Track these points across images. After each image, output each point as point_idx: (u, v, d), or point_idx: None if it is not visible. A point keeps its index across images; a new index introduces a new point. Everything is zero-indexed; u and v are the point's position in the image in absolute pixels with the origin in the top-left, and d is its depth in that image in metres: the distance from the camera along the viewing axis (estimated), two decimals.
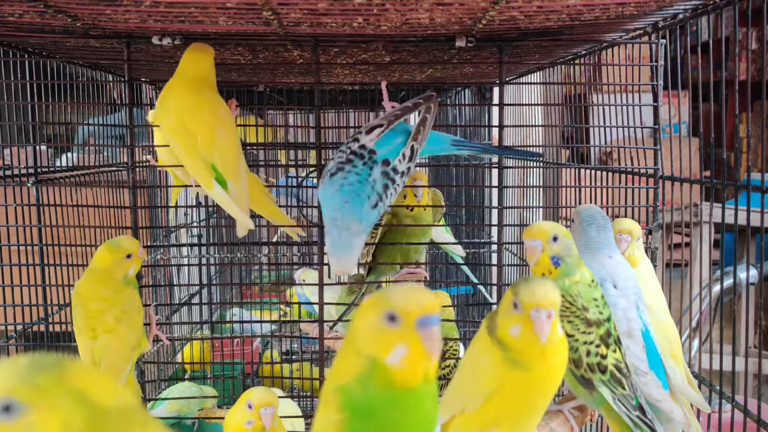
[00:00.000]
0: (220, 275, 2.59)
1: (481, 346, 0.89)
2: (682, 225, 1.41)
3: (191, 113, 1.20)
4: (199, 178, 1.22)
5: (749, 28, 4.35)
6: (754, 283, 1.95)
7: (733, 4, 1.05)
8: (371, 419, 0.67)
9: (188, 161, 1.22)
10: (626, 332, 1.07)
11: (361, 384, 0.67)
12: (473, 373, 0.90)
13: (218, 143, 1.20)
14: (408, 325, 0.65)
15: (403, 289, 0.68)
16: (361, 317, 0.69)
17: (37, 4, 0.98)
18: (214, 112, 1.22)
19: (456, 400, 0.92)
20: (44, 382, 0.50)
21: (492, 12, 1.02)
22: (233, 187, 1.22)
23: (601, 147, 1.63)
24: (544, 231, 1.03)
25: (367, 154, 1.10)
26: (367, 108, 2.66)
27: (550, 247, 1.03)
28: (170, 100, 1.22)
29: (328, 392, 0.71)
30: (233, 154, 1.23)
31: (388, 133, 1.13)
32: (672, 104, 1.75)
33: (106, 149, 2.17)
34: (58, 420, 0.50)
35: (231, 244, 2.48)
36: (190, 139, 1.20)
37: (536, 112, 2.04)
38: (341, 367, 0.71)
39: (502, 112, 1.35)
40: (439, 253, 2.23)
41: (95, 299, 1.22)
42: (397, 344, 0.65)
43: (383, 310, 0.66)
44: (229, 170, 1.21)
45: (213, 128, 1.20)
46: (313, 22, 1.10)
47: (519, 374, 0.85)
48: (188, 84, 1.21)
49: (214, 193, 1.21)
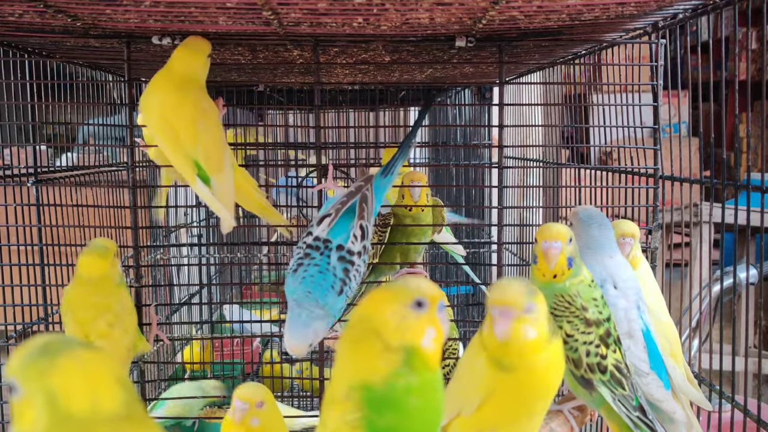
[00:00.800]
0: (220, 275, 2.59)
1: (475, 350, 0.89)
2: (682, 225, 1.41)
3: (173, 108, 1.18)
4: (183, 174, 1.20)
5: (749, 28, 4.34)
6: (754, 282, 1.94)
7: (733, 4, 1.05)
8: (392, 413, 0.69)
9: (172, 157, 1.20)
10: (627, 332, 1.07)
11: (390, 380, 0.69)
12: (468, 376, 0.90)
13: (201, 138, 1.18)
14: (432, 310, 0.71)
15: (411, 279, 0.72)
16: (382, 314, 0.71)
17: (36, 3, 0.98)
18: (197, 106, 1.20)
19: (453, 403, 0.91)
20: (31, 372, 0.53)
21: (492, 12, 1.02)
22: (216, 184, 1.20)
23: (601, 147, 1.63)
24: (563, 233, 1.03)
25: (322, 245, 1.13)
26: (367, 108, 2.66)
27: (567, 248, 1.03)
28: (153, 96, 1.20)
29: (340, 393, 0.71)
30: (217, 149, 1.21)
31: (338, 220, 1.16)
32: (672, 104, 1.75)
33: (106, 149, 2.17)
34: (31, 412, 0.53)
35: (231, 244, 2.48)
36: (173, 135, 1.18)
37: (536, 112, 2.04)
38: (360, 366, 0.71)
39: (502, 112, 1.35)
40: (439, 253, 2.23)
41: (85, 307, 1.21)
42: (428, 328, 0.71)
43: (411, 299, 0.71)
44: (212, 166, 1.19)
45: (195, 123, 1.18)
46: (313, 22, 1.10)
47: (505, 376, 0.86)
48: (172, 80, 1.19)
49: (198, 189, 1.20)
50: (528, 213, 2.04)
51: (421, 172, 1.55)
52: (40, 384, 0.53)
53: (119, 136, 2.20)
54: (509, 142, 1.72)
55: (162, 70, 1.21)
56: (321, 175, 1.34)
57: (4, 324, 1.57)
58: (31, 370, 0.53)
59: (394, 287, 0.73)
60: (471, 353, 0.91)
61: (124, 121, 1.40)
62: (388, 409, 0.69)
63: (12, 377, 0.54)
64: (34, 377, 0.53)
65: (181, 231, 2.35)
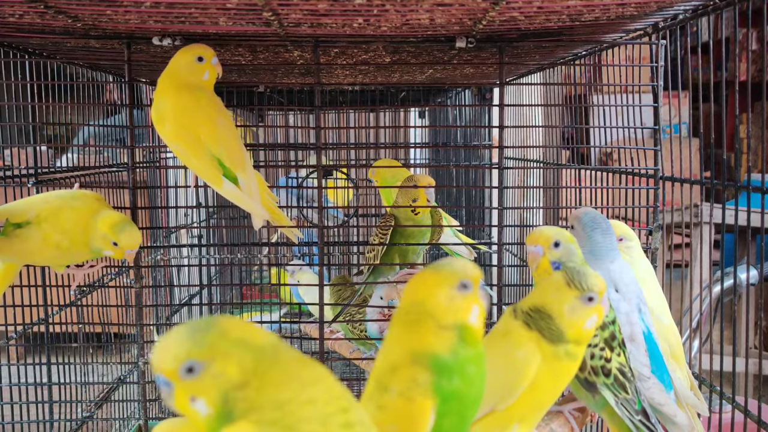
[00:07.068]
0: (221, 276, 2.59)
1: (515, 342, 0.90)
2: (682, 225, 1.41)
3: (189, 111, 1.18)
4: (208, 176, 1.19)
5: (749, 29, 4.34)
6: (754, 283, 1.94)
7: (733, 5, 1.05)
8: (457, 378, 0.76)
9: (194, 161, 1.19)
10: (629, 336, 1.07)
11: (453, 351, 0.76)
12: (507, 369, 0.90)
13: (222, 136, 1.18)
14: (476, 289, 0.78)
15: (455, 262, 0.80)
16: (434, 297, 0.78)
17: (37, 4, 0.98)
18: (213, 105, 1.20)
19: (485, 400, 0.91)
20: (213, 340, 0.61)
21: (492, 13, 1.02)
22: (243, 181, 1.19)
23: (602, 147, 1.63)
24: (545, 237, 1.05)
25: None
26: (367, 108, 2.66)
27: (551, 252, 1.05)
28: (164, 103, 1.19)
29: (403, 360, 0.76)
30: (238, 147, 1.21)
31: None
32: (672, 105, 1.75)
33: (107, 150, 2.17)
34: (233, 364, 0.60)
35: (231, 244, 2.48)
36: (192, 138, 1.17)
37: (536, 113, 2.04)
38: (421, 342, 0.77)
39: (502, 113, 1.35)
40: (439, 254, 2.23)
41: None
42: (473, 305, 0.78)
43: (457, 281, 0.78)
44: (236, 163, 1.19)
45: (214, 121, 1.18)
46: (313, 22, 1.10)
47: (565, 364, 0.90)
48: (180, 84, 1.18)
49: (225, 190, 1.19)
50: (528, 214, 2.04)
51: (431, 177, 1.57)
52: (228, 341, 0.61)
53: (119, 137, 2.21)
54: (509, 142, 1.72)
55: (164, 78, 1.19)
56: (321, 176, 1.34)
57: (4, 324, 1.57)
58: (211, 339, 0.60)
59: (441, 271, 0.79)
60: (506, 347, 0.91)
61: (124, 122, 1.40)
62: (454, 375, 0.76)
63: (188, 360, 0.60)
64: (219, 342, 0.60)
65: (181, 232, 2.35)
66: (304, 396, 0.61)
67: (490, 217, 2.18)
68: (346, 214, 2.48)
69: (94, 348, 1.87)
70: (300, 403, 0.60)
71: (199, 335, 0.61)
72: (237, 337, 0.61)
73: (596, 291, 0.90)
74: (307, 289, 1.96)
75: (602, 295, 0.90)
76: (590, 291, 0.89)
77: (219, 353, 0.60)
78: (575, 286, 0.90)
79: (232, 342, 0.61)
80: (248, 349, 0.61)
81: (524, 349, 0.89)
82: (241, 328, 0.63)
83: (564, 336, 0.89)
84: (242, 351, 0.61)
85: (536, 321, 0.90)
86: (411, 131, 3.00)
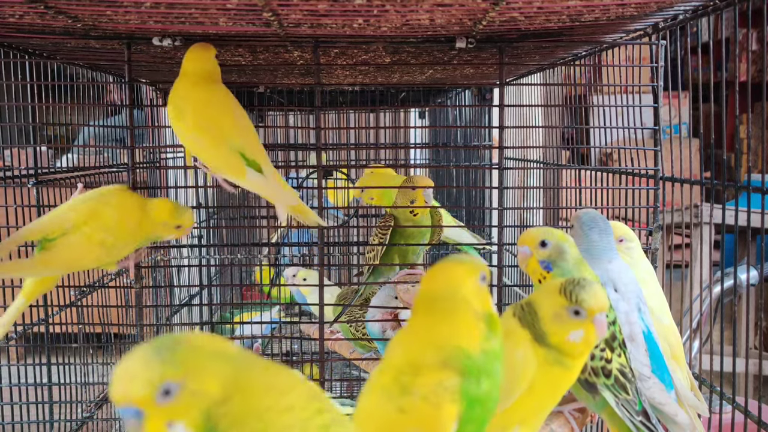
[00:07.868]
0: (221, 276, 2.59)
1: (515, 341, 0.90)
2: (682, 226, 1.41)
3: (208, 104, 1.18)
4: (229, 168, 1.18)
5: (749, 29, 4.34)
6: (754, 284, 1.94)
7: (733, 5, 1.05)
8: (483, 379, 0.76)
9: (215, 153, 1.18)
10: (628, 336, 1.07)
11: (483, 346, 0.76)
12: (507, 369, 0.90)
13: (243, 127, 1.18)
14: (487, 281, 0.81)
15: (464, 256, 0.85)
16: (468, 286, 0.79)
17: (37, 5, 0.98)
18: (230, 98, 1.20)
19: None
20: (184, 357, 0.57)
21: (492, 13, 1.02)
22: (267, 171, 1.19)
23: (602, 148, 1.63)
24: (531, 237, 1.07)
25: None
26: (367, 109, 2.66)
27: (538, 252, 1.06)
28: (180, 100, 1.19)
29: (430, 360, 0.75)
30: (257, 139, 1.21)
31: None
32: (672, 105, 1.75)
33: (107, 150, 2.17)
34: (213, 378, 0.57)
35: (231, 245, 2.48)
36: (213, 130, 1.17)
37: (536, 113, 2.04)
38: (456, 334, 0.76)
39: (502, 114, 1.35)
40: (439, 254, 2.23)
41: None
42: (489, 296, 0.81)
43: (479, 272, 0.80)
44: (258, 154, 1.18)
45: (233, 113, 1.18)
46: (313, 23, 1.10)
47: (559, 372, 0.89)
48: (195, 81, 1.19)
49: (249, 181, 1.18)
50: (528, 214, 2.04)
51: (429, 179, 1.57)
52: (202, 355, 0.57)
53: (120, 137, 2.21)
54: (510, 143, 1.72)
55: (180, 78, 1.20)
56: (321, 176, 1.34)
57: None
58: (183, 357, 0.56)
59: (461, 263, 0.80)
60: (506, 346, 0.90)
61: (124, 123, 1.40)
62: (482, 377, 0.75)
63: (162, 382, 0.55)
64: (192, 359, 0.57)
65: None
66: (283, 403, 0.59)
67: (490, 217, 2.18)
68: (346, 214, 2.48)
69: (94, 348, 1.87)
70: (279, 411, 0.59)
71: (168, 354, 0.56)
72: (210, 350, 0.58)
73: (584, 307, 0.87)
74: (312, 289, 1.96)
75: (594, 314, 0.87)
76: (577, 305, 0.87)
77: (194, 370, 0.57)
78: (564, 294, 0.88)
79: (206, 356, 0.58)
80: (224, 361, 0.58)
81: (522, 349, 0.89)
82: (210, 341, 0.60)
83: (546, 339, 0.88)
84: (219, 364, 0.58)
85: (526, 316, 0.90)
86: (411, 131, 3.00)
